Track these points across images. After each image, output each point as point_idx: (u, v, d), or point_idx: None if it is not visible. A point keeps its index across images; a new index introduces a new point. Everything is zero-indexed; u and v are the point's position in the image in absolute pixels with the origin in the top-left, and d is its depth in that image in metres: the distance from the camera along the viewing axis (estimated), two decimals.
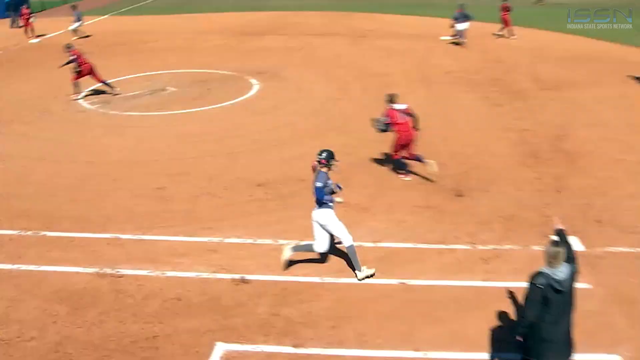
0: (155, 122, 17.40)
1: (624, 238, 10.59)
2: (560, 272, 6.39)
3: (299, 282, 9.37)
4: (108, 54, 26.92)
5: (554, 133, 15.92)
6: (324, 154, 9.54)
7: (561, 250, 6.46)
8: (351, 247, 9.42)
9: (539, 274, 6.46)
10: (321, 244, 9.58)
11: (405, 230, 10.86)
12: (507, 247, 10.33)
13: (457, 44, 27.77)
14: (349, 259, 9.63)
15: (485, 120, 17.13)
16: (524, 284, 8.49)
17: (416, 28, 31.47)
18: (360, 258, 9.68)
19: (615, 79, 21.61)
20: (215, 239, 10.59)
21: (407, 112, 12.96)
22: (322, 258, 10.01)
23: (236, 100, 19.08)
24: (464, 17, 27.25)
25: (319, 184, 9.29)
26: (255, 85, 20.68)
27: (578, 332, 7.57)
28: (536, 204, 11.90)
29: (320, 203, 9.42)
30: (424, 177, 13.21)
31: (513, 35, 29.57)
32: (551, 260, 6.42)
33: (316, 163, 9.53)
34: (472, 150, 14.74)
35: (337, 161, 9.62)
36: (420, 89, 20.18)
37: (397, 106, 12.96)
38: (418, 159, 13.03)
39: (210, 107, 18.50)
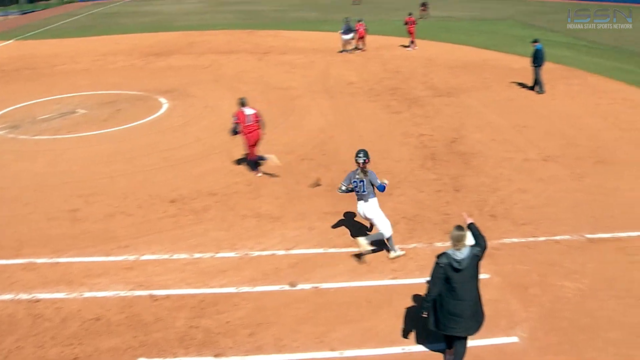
0: (66, 145, 17.18)
1: (515, 230, 11.47)
2: (461, 253, 7.29)
3: (216, 293, 9.58)
4: (15, 78, 26.31)
5: (450, 136, 16.89)
6: (365, 155, 10.45)
7: (464, 233, 7.37)
8: (390, 236, 10.40)
9: (443, 254, 7.40)
10: (387, 229, 10.39)
11: (315, 237, 11.29)
12: (412, 245, 10.93)
13: (357, 48, 29.17)
14: (264, 267, 10.08)
15: (386, 127, 17.89)
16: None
17: (317, 43, 32.26)
18: (274, 266, 10.14)
19: (501, 85, 23.12)
20: (131, 257, 10.69)
21: (255, 117, 14.12)
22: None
23: (146, 119, 19.09)
24: (348, 30, 29.31)
25: (379, 181, 10.38)
26: (165, 104, 20.72)
27: None
28: (437, 204, 12.66)
29: (368, 197, 10.33)
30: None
31: (415, 46, 31.05)
32: (455, 242, 7.33)
33: (361, 165, 10.39)
34: (375, 157, 15.19)
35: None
36: (324, 100, 20.81)
37: (246, 110, 13.98)
38: (261, 158, 14.27)
39: (120, 127, 18.43)
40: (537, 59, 21.67)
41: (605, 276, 9.95)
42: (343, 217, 12.07)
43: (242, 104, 14.15)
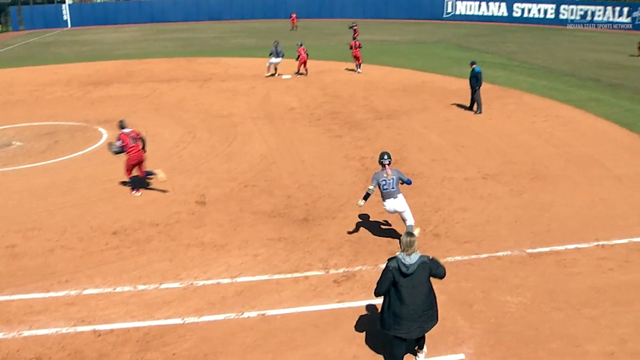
0: (1, 179, 16.67)
1: (458, 248, 11.67)
2: (410, 258, 7.62)
3: (161, 325, 9.39)
4: None
5: (392, 158, 17.07)
6: (389, 157, 11.73)
7: (414, 239, 7.71)
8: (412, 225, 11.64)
9: (393, 258, 7.76)
10: (412, 219, 11.69)
11: (260, 263, 11.22)
12: (357, 268, 10.98)
13: (299, 73, 29.53)
14: (210, 297, 9.99)
15: (328, 151, 18.02)
16: (377, 301, 9.30)
17: (257, 69, 32.33)
18: (219, 295, 10.05)
19: (439, 106, 23.64)
20: (73, 292, 10.40)
21: (136, 136, 14.66)
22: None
23: (85, 150, 18.70)
24: (276, 54, 29.88)
25: (407, 177, 11.84)
26: (104, 134, 20.34)
27: (427, 338, 8.41)
28: (380, 225, 12.80)
29: (397, 194, 11.49)
30: (161, 190, 14.89)
31: (359, 70, 31.61)
32: (405, 247, 7.66)
33: (386, 165, 11.57)
34: (318, 181, 15.49)
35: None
36: (265, 126, 20.84)
37: (126, 131, 14.44)
38: (149, 173, 14.78)
39: (59, 159, 17.98)
40: (477, 81, 22.24)
41: (546, 289, 10.22)
42: (287, 243, 12.04)
43: (122, 126, 14.68)
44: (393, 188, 11.44)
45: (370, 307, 9.70)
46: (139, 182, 15.00)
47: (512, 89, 26.95)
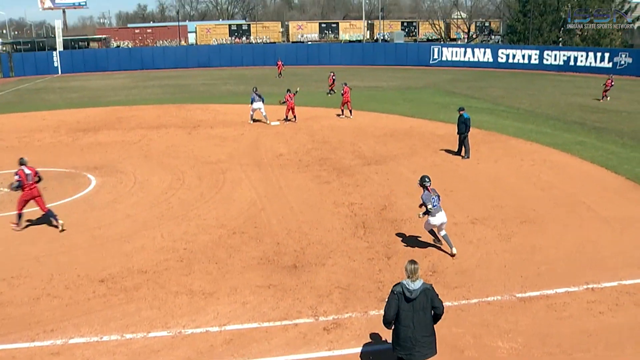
0: None
1: (448, 293, 11.61)
2: (414, 284, 8.11)
3: None
4: None
5: (380, 203, 17.17)
6: (429, 180, 13.69)
7: (417, 267, 8.20)
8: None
9: (398, 284, 8.24)
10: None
11: (249, 311, 11.11)
12: (347, 315, 10.90)
13: (287, 119, 29.80)
14: (198, 345, 9.85)
15: (317, 197, 18.04)
16: (367, 349, 9.44)
17: (246, 116, 32.53)
18: (208, 343, 9.94)
19: (427, 151, 23.83)
20: (59, 341, 10.22)
21: (33, 174, 15.68)
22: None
23: (74, 197, 18.61)
24: (259, 97, 30.49)
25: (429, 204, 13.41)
26: (93, 181, 20.29)
27: None
28: (369, 272, 12.73)
29: (441, 208, 13.52)
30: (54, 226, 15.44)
31: (343, 115, 32.22)
32: (409, 274, 8.17)
33: (428, 187, 13.51)
34: (307, 227, 15.47)
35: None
36: (254, 173, 20.88)
37: (26, 169, 15.54)
38: (52, 215, 15.86)
39: (47, 205, 17.77)
40: (466, 127, 22.48)
41: (537, 333, 10.18)
42: (276, 290, 11.95)
43: (22, 163, 15.58)
44: (438, 205, 13.49)
45: (361, 355, 9.61)
46: (23, 217, 16.00)
47: (499, 133, 27.24)
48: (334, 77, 43.55)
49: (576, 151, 23.44)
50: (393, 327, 8.28)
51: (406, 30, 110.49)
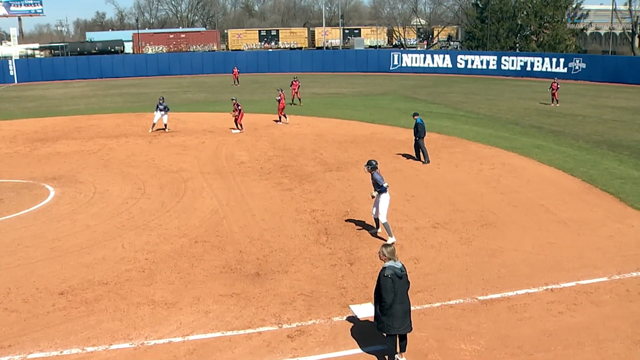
0: None
1: (411, 298, 11.52)
2: (398, 263, 9.23)
3: None
4: None
5: (342, 210, 17.22)
6: (374, 162, 15.14)
7: (394, 248, 9.35)
8: (386, 223, 14.59)
9: (385, 268, 9.09)
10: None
11: (212, 320, 11.02)
12: (311, 322, 10.88)
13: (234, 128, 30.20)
14: (161, 356, 9.72)
15: (279, 204, 18.00)
16: (331, 355, 9.46)
17: (207, 123, 32.40)
18: (171, 354, 9.82)
19: (388, 156, 24.00)
20: (16, 357, 9.95)
21: None
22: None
23: (32, 208, 18.22)
24: (165, 108, 30.90)
25: (384, 183, 14.79)
26: (52, 192, 19.89)
27: None
28: (332, 278, 12.74)
29: (382, 191, 14.63)
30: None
31: (280, 121, 33.05)
32: (390, 256, 9.20)
33: (367, 169, 15.02)
34: (269, 235, 15.42)
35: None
36: (215, 181, 20.75)
37: None
38: None
39: (3, 218, 17.45)
40: (419, 132, 22.78)
41: (499, 335, 10.31)
42: (239, 298, 11.88)
43: None
44: None
45: None
46: None
47: (459, 138, 27.59)
48: (299, 84, 41.94)
49: (534, 154, 23.87)
50: (386, 309, 9.03)
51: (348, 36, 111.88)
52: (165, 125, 31.29)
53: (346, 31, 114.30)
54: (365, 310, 10.84)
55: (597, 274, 12.69)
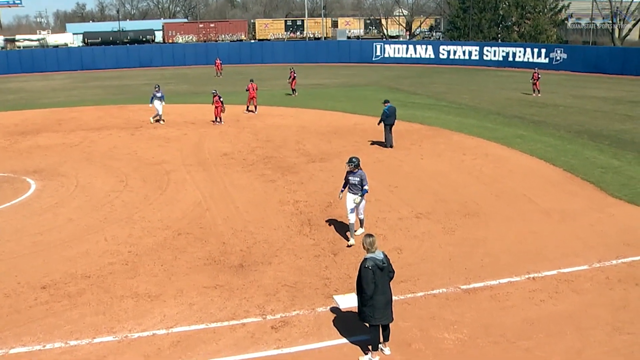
0: None
1: (394, 288, 11.41)
2: (379, 254, 9.28)
3: None
4: None
5: (325, 201, 17.23)
6: (355, 160, 14.16)
7: (375, 238, 9.41)
8: (353, 224, 14.13)
9: (366, 259, 9.17)
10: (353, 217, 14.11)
11: (196, 312, 11.01)
12: (295, 312, 10.91)
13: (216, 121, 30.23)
14: (145, 349, 9.76)
15: (262, 196, 17.98)
16: (315, 346, 9.49)
17: (189, 115, 32.22)
18: (155, 347, 9.80)
19: (371, 147, 24.06)
20: None
21: None
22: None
23: (12, 202, 18.03)
24: (161, 97, 31.15)
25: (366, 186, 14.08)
26: (33, 185, 19.70)
27: None
28: (316, 269, 12.76)
29: (364, 194, 13.93)
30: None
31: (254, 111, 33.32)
32: (369, 247, 9.31)
33: (351, 167, 14.14)
34: (253, 227, 15.40)
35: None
36: (198, 173, 20.67)
37: None
38: None
39: None
40: (386, 117, 23.51)
41: (482, 324, 10.40)
42: (223, 290, 11.87)
43: None
44: None
45: (309, 352, 9.64)
46: None
47: (442, 129, 27.67)
48: (295, 74, 41.66)
49: (516, 144, 24.01)
50: (366, 301, 9.15)
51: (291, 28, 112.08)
52: (160, 115, 31.36)
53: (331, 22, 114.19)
54: (349, 301, 10.86)
55: (578, 263, 12.83)
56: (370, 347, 9.49)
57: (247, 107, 33.87)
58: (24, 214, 16.96)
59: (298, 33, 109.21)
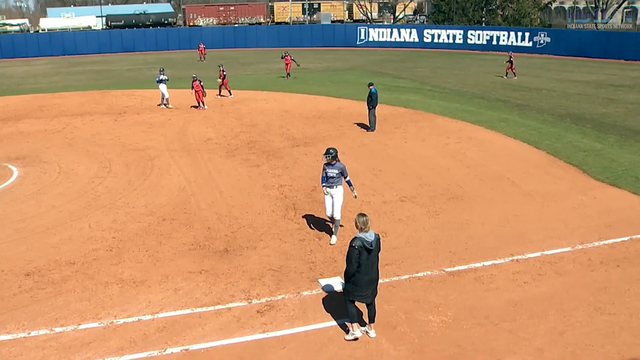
0: None
1: (379, 271, 11.78)
2: (370, 235, 9.17)
3: None
4: None
5: (310, 185, 17.24)
6: (333, 152, 12.95)
7: (368, 218, 9.26)
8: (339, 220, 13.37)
9: (356, 238, 9.17)
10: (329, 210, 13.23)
11: (182, 297, 11.01)
12: (280, 296, 10.94)
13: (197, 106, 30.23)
14: (131, 335, 9.75)
15: (246, 181, 17.96)
16: (301, 329, 9.59)
17: (173, 100, 31.97)
18: (141, 332, 9.80)
19: (355, 131, 24.07)
20: None
21: None
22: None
23: None
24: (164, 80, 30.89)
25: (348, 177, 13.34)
26: (15, 172, 19.53)
27: None
28: (301, 253, 12.79)
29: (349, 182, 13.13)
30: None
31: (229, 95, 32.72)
32: (362, 226, 9.20)
33: (328, 158, 12.93)
34: (238, 211, 15.39)
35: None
36: (182, 158, 20.59)
37: None
38: None
39: None
40: (372, 101, 23.47)
41: (466, 306, 10.49)
42: (208, 275, 11.87)
43: None
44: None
45: (295, 336, 9.69)
46: None
47: (426, 112, 27.73)
48: (292, 58, 42.20)
49: (500, 128, 24.12)
50: (348, 279, 9.31)
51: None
52: (166, 99, 31.22)
53: (313, 6, 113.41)
54: (334, 284, 10.92)
55: (561, 245, 12.96)
56: (349, 321, 9.70)
57: (220, 91, 33.83)
58: (6, 201, 16.82)
59: (314, 16, 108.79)
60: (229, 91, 31.43)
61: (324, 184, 13.26)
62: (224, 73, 32.37)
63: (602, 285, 11.18)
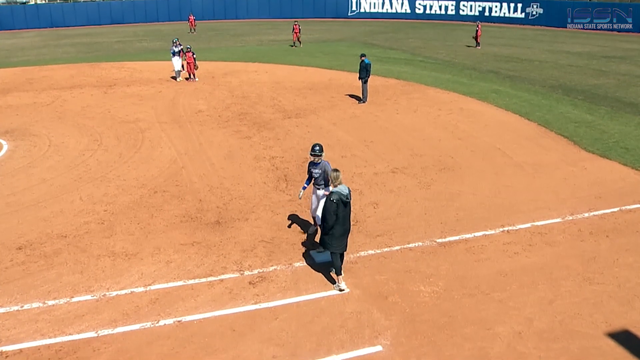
0: None
1: (371, 242, 11.87)
2: (344, 189, 9.91)
3: (74, 340, 9.08)
4: None
5: (301, 156, 17.20)
6: (318, 148, 11.56)
7: (340, 174, 9.99)
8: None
9: (332, 193, 9.82)
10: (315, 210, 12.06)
11: (174, 270, 11.04)
12: (272, 268, 10.99)
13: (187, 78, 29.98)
14: (124, 307, 9.81)
15: (238, 152, 17.91)
16: (293, 300, 9.57)
17: (163, 72, 31.73)
18: (134, 304, 9.84)
19: (346, 103, 23.98)
20: None
21: None
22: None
23: None
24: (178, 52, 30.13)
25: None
26: (5, 146, 19.40)
27: (343, 333, 8.58)
28: (293, 224, 12.85)
29: (327, 184, 11.59)
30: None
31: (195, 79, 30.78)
32: (335, 181, 9.94)
33: (315, 157, 11.57)
34: (229, 183, 15.38)
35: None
36: (173, 131, 20.49)
37: None
38: None
39: None
40: (366, 72, 23.48)
41: (457, 276, 10.57)
42: (200, 247, 11.90)
43: None
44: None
45: (287, 306, 9.75)
46: None
47: (417, 84, 27.64)
48: (300, 27, 43.91)
49: (492, 99, 24.09)
50: (326, 232, 9.93)
51: None
52: (177, 71, 30.44)
53: None
54: (326, 256, 10.96)
55: (551, 215, 13.03)
56: (334, 272, 10.38)
57: (190, 75, 31.08)
58: None
59: None
60: (194, 74, 29.98)
61: (304, 186, 11.97)
62: (194, 57, 30.70)
63: (591, 256, 11.28)
